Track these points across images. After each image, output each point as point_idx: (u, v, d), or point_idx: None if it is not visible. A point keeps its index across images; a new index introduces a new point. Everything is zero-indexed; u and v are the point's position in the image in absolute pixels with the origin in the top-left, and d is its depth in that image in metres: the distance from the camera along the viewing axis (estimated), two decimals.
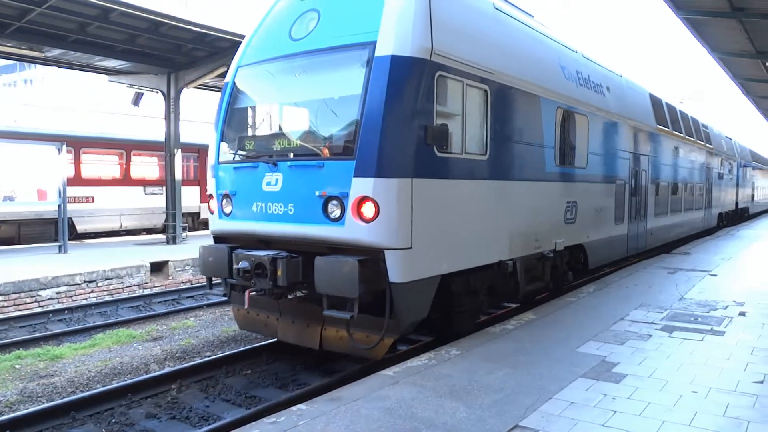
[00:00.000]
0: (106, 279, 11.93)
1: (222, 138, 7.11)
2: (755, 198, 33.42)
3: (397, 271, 5.69)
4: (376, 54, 5.80)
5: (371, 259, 5.69)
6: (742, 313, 7.52)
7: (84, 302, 11.17)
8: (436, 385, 4.89)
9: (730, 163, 24.01)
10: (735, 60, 14.06)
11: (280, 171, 6.27)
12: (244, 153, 6.91)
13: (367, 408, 4.41)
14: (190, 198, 21.52)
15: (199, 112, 32.71)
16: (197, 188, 22.83)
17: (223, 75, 16.90)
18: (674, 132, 14.99)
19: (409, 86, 5.78)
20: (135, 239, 18.69)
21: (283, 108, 7.00)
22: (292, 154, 6.35)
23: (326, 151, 6.09)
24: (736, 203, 26.31)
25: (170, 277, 13.17)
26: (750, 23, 10.70)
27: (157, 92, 17.32)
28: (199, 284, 13.18)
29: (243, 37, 15.20)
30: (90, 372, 7.30)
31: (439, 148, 6.06)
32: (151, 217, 20.65)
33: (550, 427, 4.06)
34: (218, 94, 23.79)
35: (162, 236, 18.27)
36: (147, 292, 12.35)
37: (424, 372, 5.24)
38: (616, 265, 11.82)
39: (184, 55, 16.00)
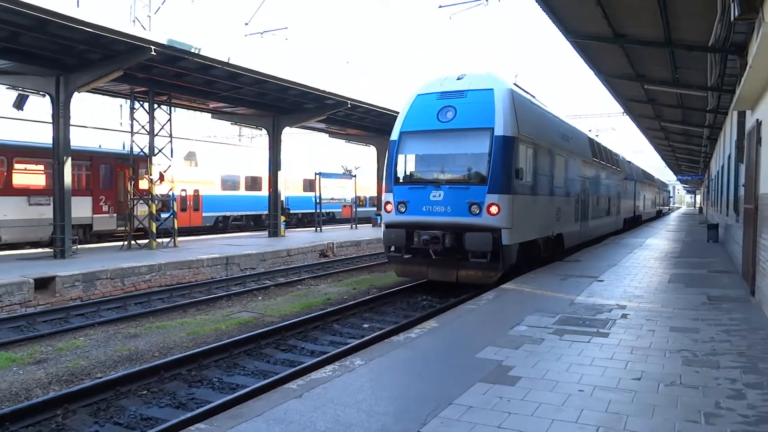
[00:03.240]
0: None
1: (395, 171, 12.40)
2: (645, 207, 41.04)
3: (506, 238, 11.32)
4: (495, 134, 11.43)
5: (493, 233, 11.15)
6: (624, 316, 8.15)
7: None
8: (338, 397, 4.88)
9: (631, 181, 30.79)
10: (618, 81, 15.30)
11: (442, 190, 11.69)
12: (414, 179, 12.26)
13: (268, 423, 4.32)
14: (81, 209, 20.12)
15: (96, 116, 30.73)
16: (90, 198, 21.39)
17: (119, 79, 16.15)
18: (600, 161, 21.31)
19: (511, 150, 11.48)
20: (18, 253, 17.17)
21: (439, 157, 12.23)
22: (449, 182, 11.78)
23: (469, 181, 11.64)
24: (634, 211, 33.48)
25: (58, 294, 12.23)
26: (629, 48, 11.70)
27: (44, 95, 16.10)
28: (91, 300, 12.34)
29: (151, 42, 14.52)
30: None
31: (520, 179, 11.72)
32: (36, 230, 19.03)
33: (450, 431, 4.18)
34: (118, 99, 22.81)
35: (49, 250, 16.92)
36: (30, 311, 11.37)
37: (328, 384, 5.22)
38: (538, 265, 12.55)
39: (75, 56, 15.00)
